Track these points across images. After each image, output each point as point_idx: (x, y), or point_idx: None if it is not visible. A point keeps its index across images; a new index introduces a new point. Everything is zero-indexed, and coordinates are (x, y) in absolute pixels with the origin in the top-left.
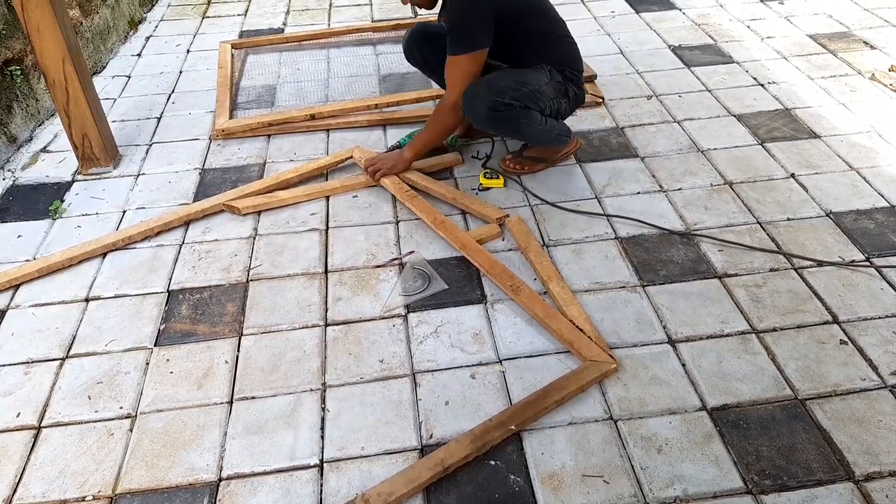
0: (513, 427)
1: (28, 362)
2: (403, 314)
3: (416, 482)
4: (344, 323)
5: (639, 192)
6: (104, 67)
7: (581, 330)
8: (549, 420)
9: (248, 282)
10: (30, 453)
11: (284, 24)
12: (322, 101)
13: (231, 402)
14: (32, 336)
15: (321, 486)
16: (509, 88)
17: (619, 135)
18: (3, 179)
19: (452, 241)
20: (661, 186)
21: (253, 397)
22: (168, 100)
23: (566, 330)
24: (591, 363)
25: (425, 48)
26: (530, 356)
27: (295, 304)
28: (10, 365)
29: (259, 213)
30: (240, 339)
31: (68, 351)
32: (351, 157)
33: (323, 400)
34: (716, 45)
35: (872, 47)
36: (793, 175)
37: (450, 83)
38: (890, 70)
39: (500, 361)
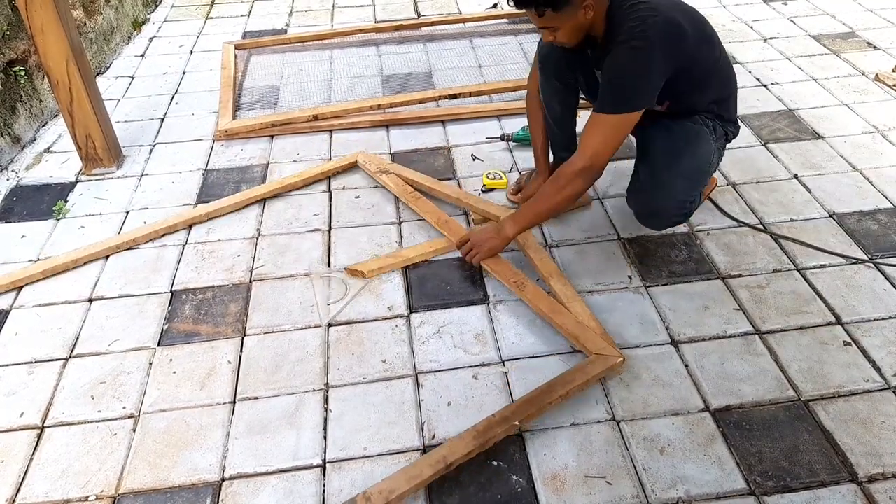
0: (516, 423)
1: (31, 362)
2: (406, 314)
3: (417, 479)
4: (346, 323)
5: None
6: (108, 68)
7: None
8: (552, 421)
9: (251, 282)
10: (33, 453)
11: (288, 24)
12: (325, 101)
13: (234, 403)
14: (36, 336)
15: (324, 486)
16: (690, 188)
17: None
18: (7, 180)
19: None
20: None
21: (256, 397)
22: (171, 100)
23: (571, 325)
24: (597, 357)
25: (566, 74)
26: (533, 357)
27: (298, 304)
28: (14, 365)
29: (262, 213)
30: (243, 339)
31: (72, 351)
32: (355, 162)
33: (325, 400)
34: None
35: (876, 48)
36: (796, 176)
37: (585, 143)
38: (894, 71)
39: (503, 362)
